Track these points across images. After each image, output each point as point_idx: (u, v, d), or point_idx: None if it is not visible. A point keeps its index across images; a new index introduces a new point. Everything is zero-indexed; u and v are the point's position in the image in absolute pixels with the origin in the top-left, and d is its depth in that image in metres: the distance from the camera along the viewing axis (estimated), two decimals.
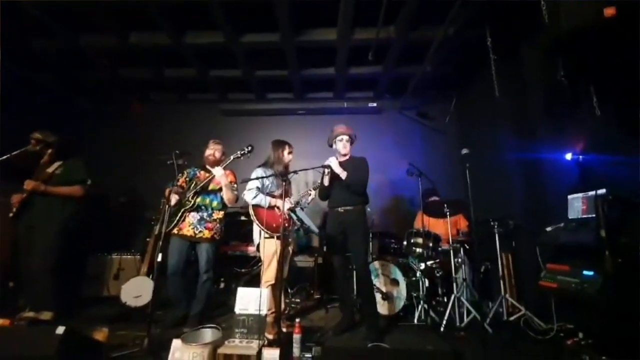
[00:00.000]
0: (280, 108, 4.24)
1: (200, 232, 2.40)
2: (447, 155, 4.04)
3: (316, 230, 2.19)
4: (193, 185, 2.46)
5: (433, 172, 3.45)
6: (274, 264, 2.19)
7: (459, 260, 2.72)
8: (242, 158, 2.34)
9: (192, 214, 2.41)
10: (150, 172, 3.90)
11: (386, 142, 4.15)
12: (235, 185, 2.56)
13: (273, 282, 2.18)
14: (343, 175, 2.31)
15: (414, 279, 2.74)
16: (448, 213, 2.66)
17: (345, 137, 2.43)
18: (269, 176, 2.30)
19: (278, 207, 2.31)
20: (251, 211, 2.26)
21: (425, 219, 3.00)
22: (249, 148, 2.31)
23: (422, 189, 2.75)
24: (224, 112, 4.28)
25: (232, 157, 2.34)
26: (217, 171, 2.33)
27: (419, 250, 2.79)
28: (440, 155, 4.05)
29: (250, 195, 2.25)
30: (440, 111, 4.17)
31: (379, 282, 2.73)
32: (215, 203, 2.50)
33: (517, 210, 2.80)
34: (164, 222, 2.21)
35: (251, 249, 3.42)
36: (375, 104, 4.10)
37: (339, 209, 2.36)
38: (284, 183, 2.08)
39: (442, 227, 3.08)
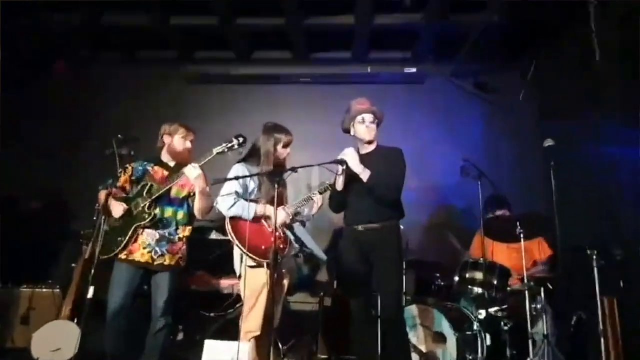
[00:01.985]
0: (272, 74, 4.26)
1: (159, 256, 2.40)
2: (521, 147, 4.00)
3: (323, 256, 2.19)
4: (147, 188, 2.46)
5: (499, 172, 3.42)
6: (260, 306, 2.19)
7: (538, 306, 2.70)
8: (228, 153, 2.32)
9: (148, 231, 2.41)
10: (79, 166, 3.92)
11: (429, 127, 4.13)
12: (208, 190, 2.54)
13: (257, 332, 2.18)
14: (364, 175, 2.30)
15: (468, 333, 2.74)
16: (522, 235, 2.63)
17: (369, 117, 2.43)
18: (255, 175, 2.29)
19: (268, 219, 2.31)
20: (228, 226, 2.26)
21: (488, 242, 2.95)
22: (240, 140, 2.29)
23: (482, 197, 2.72)
24: (189, 79, 4.30)
25: (214, 152, 2.32)
26: (193, 171, 2.29)
27: (477, 290, 2.79)
28: (511, 148, 4.02)
29: (226, 203, 2.25)
30: (510, 82, 4.14)
31: (415, 337, 2.73)
32: (181, 215, 2.50)
33: (628, 233, 2.76)
34: (99, 240, 2.22)
35: (225, 283, 3.42)
36: (413, 70, 4.10)
37: (359, 227, 2.37)
38: (276, 186, 2.08)
39: (512, 256, 3.01)
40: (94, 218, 3.07)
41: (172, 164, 2.57)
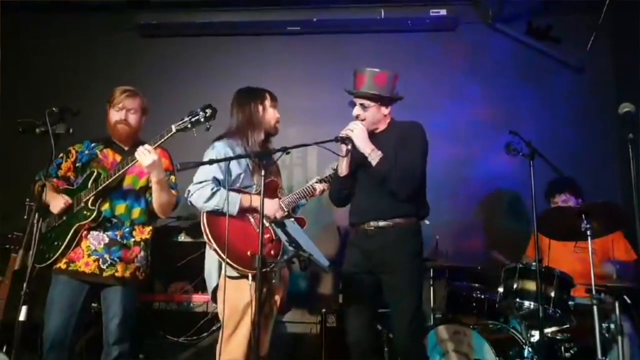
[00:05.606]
0: (252, 21, 4.24)
1: (110, 266, 2.43)
2: (588, 114, 3.99)
3: (326, 262, 2.19)
4: (92, 178, 2.47)
5: (559, 148, 3.38)
6: (244, 329, 2.24)
7: (611, 326, 2.68)
8: (192, 129, 2.29)
9: (95, 233, 2.45)
10: (1, 149, 3.92)
11: (463, 89, 4.12)
12: (173, 179, 2.55)
13: None
14: (374, 157, 2.33)
15: None
16: (590, 231, 2.61)
17: (366, 102, 2.41)
18: (238, 157, 2.31)
19: (256, 214, 2.32)
20: (204, 225, 2.29)
21: (544, 241, 2.94)
22: (208, 112, 2.26)
23: (536, 182, 2.69)
24: (142, 30, 4.30)
25: (174, 129, 2.30)
26: (145, 156, 2.26)
27: (528, 304, 2.79)
28: (575, 116, 4.00)
29: (203, 193, 2.29)
30: (574, 28, 4.10)
31: None
32: (137, 212, 2.51)
33: None
34: (33, 247, 2.22)
35: (198, 299, 3.47)
36: (443, 12, 4.05)
37: (366, 225, 2.40)
38: (262, 171, 2.08)
39: (578, 259, 3.02)
40: (26, 217, 3.09)
41: (126, 145, 2.57)
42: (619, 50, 4.03)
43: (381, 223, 2.36)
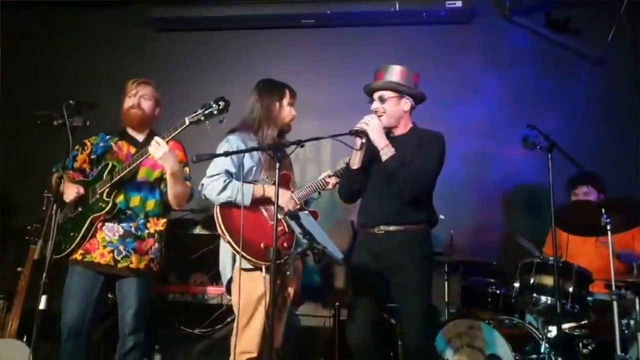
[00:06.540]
0: (265, 15, 4.24)
1: (124, 257, 2.46)
2: (609, 107, 3.93)
3: (340, 255, 2.18)
4: (107, 170, 2.50)
5: (578, 142, 3.32)
6: (258, 321, 2.25)
7: (631, 322, 2.65)
8: (206, 122, 2.32)
9: (110, 224, 2.48)
10: (21, 143, 3.99)
11: (480, 82, 4.08)
12: (187, 170, 2.57)
13: (254, 354, 2.25)
14: (386, 152, 2.30)
15: (534, 357, 2.74)
16: (610, 227, 2.57)
17: (384, 94, 2.40)
18: (252, 150, 2.32)
19: (268, 205, 2.33)
20: (217, 217, 2.30)
21: (562, 237, 2.91)
22: (221, 104, 2.28)
23: (553, 175, 2.65)
24: (156, 24, 4.33)
25: (187, 121, 2.33)
26: (157, 148, 2.30)
27: (545, 299, 2.76)
28: (594, 109, 3.95)
29: (216, 186, 2.30)
30: (594, 20, 4.04)
31: None
32: (151, 204, 2.54)
33: None
34: (51, 238, 2.24)
35: (212, 291, 3.49)
36: (459, 4, 4.01)
37: (375, 229, 2.38)
38: (277, 164, 2.07)
39: (597, 254, 2.99)
40: (44, 208, 3.13)
41: (140, 137, 2.60)
42: None
43: (391, 227, 2.35)
